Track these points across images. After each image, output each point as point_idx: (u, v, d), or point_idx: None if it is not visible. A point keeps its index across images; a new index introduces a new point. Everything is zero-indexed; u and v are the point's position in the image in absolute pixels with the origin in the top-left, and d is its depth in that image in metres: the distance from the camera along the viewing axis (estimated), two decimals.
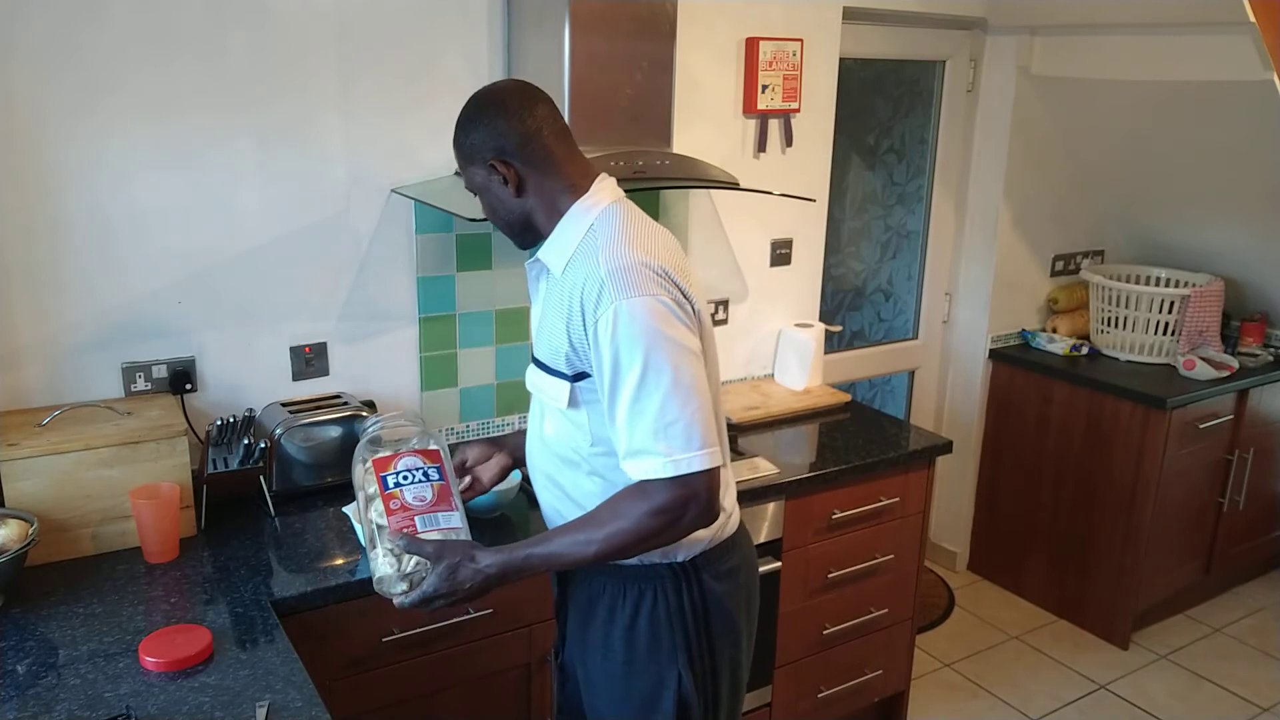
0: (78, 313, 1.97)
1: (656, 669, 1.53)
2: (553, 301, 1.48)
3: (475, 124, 1.47)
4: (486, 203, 1.54)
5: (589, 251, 1.43)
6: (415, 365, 2.36)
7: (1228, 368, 3.18)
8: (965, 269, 3.49)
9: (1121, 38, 2.95)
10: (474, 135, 1.47)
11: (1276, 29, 2.51)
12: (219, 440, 1.97)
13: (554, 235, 1.49)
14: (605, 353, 1.37)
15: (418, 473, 1.55)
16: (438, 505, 1.53)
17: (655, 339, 1.36)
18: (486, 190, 1.51)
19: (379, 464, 1.55)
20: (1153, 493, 3.08)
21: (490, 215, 1.55)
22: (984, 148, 3.35)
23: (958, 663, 3.13)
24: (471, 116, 1.48)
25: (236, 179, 2.06)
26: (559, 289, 1.47)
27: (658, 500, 1.39)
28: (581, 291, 1.40)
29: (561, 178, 1.49)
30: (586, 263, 1.42)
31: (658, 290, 1.38)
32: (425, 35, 2.18)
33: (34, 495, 1.76)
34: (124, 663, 1.50)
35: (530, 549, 1.46)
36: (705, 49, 2.55)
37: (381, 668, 1.85)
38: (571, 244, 1.46)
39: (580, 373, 1.45)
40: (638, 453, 1.38)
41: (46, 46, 1.83)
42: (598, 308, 1.38)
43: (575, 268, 1.44)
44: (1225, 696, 3.00)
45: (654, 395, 1.36)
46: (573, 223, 1.48)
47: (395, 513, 1.50)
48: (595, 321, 1.38)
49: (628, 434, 1.39)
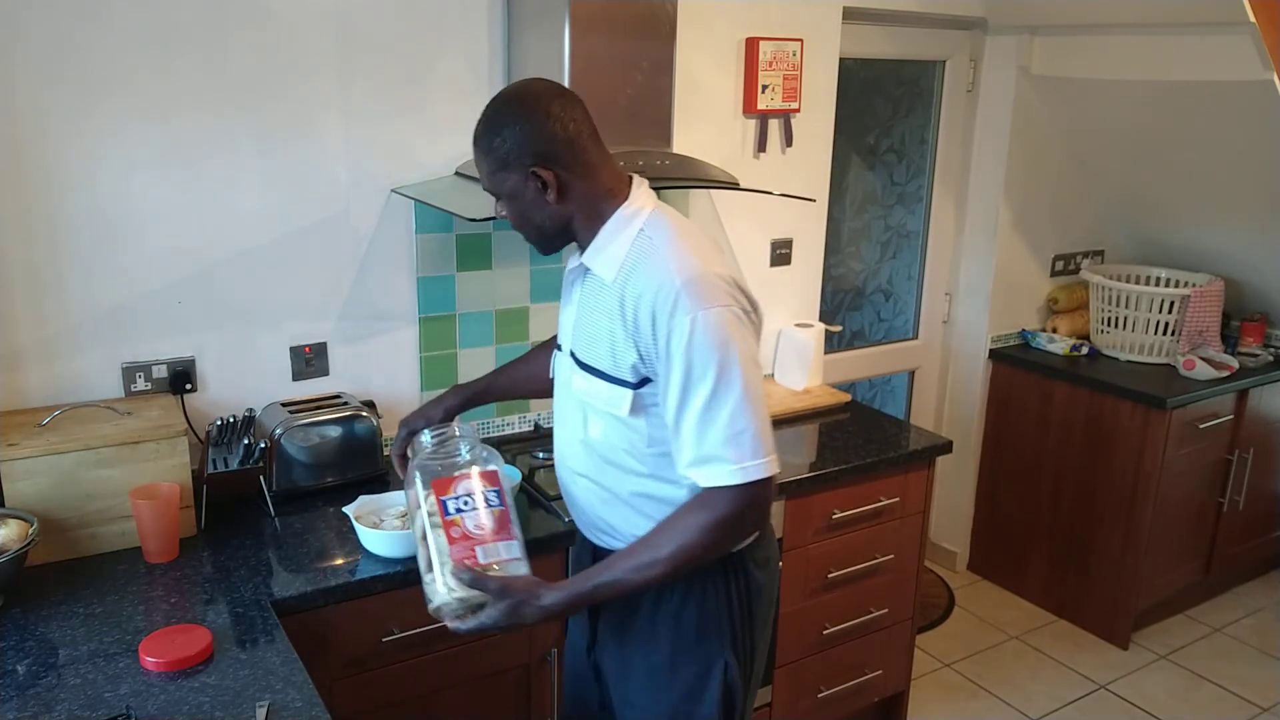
0: (78, 313, 1.97)
1: (703, 659, 1.54)
2: (603, 308, 1.46)
3: (510, 126, 1.41)
4: (517, 209, 1.47)
5: (649, 259, 1.41)
6: (415, 365, 2.36)
7: (1228, 368, 3.19)
8: (965, 269, 3.49)
9: (1121, 38, 2.95)
10: (510, 139, 1.41)
11: (1276, 29, 2.51)
12: (219, 440, 1.97)
13: (599, 242, 1.46)
14: (678, 362, 1.37)
15: (478, 498, 1.49)
16: (499, 534, 1.48)
17: (729, 349, 1.37)
18: (519, 197, 1.45)
19: (439, 486, 1.48)
20: (1153, 493, 3.08)
21: (519, 221, 1.49)
22: (984, 148, 3.35)
23: (958, 663, 3.13)
24: (505, 118, 1.42)
25: (236, 179, 2.06)
26: (610, 296, 1.44)
27: (722, 510, 1.40)
28: (653, 300, 1.38)
29: (600, 182, 1.46)
30: (651, 271, 1.40)
31: (729, 300, 1.39)
32: (425, 35, 2.18)
33: (34, 495, 1.76)
34: (124, 663, 1.50)
35: (597, 579, 1.43)
36: (705, 49, 2.55)
37: (381, 668, 1.85)
38: (621, 250, 1.44)
39: (644, 379, 1.44)
40: (707, 460, 1.39)
41: (47, 47, 1.83)
42: (673, 317, 1.36)
43: (635, 275, 1.41)
44: (1225, 696, 3.00)
45: (726, 404, 1.37)
46: (618, 229, 1.45)
47: (457, 542, 1.44)
48: (669, 331, 1.37)
49: (696, 442, 1.39)
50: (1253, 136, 2.95)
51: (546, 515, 2.06)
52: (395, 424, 2.32)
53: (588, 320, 1.50)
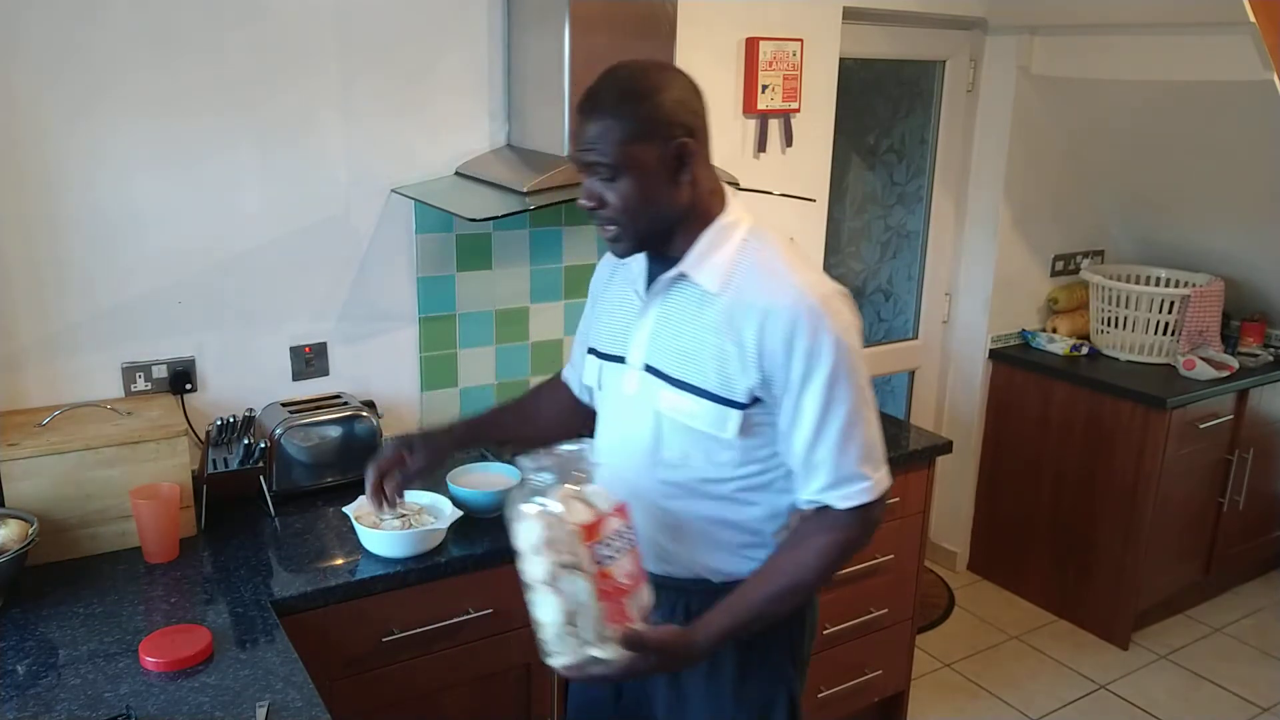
0: (78, 313, 1.97)
1: (770, 680, 1.50)
2: (706, 322, 1.36)
3: (666, 91, 1.29)
4: (640, 189, 1.30)
5: (764, 274, 1.34)
6: (415, 365, 2.36)
7: (1228, 368, 3.19)
8: (965, 269, 3.49)
9: (1121, 38, 2.95)
10: (664, 104, 1.28)
11: (1276, 29, 2.51)
12: (219, 440, 1.97)
13: (700, 249, 1.36)
14: (818, 385, 1.32)
15: (620, 540, 1.29)
16: (639, 578, 1.32)
17: (861, 367, 1.35)
18: (648, 174, 1.29)
19: (588, 531, 1.25)
20: (1153, 493, 3.08)
21: (637, 203, 1.31)
22: (984, 148, 3.35)
23: (958, 663, 3.13)
24: (658, 82, 1.30)
25: (237, 179, 2.06)
26: (715, 310, 1.35)
27: (854, 531, 1.38)
28: (788, 321, 1.30)
29: (711, 180, 1.38)
30: (773, 287, 1.33)
31: (854, 320, 1.37)
32: (425, 35, 2.18)
33: (34, 495, 1.76)
34: (124, 663, 1.50)
35: (739, 616, 1.35)
36: (705, 49, 2.55)
37: (381, 668, 1.85)
38: (726, 261, 1.35)
39: (755, 399, 1.35)
40: (845, 480, 1.36)
41: (48, 48, 1.83)
42: (814, 339, 1.30)
43: (749, 290, 1.34)
44: (1225, 696, 3.00)
45: (861, 423, 1.35)
46: (720, 237, 1.37)
47: (610, 597, 1.25)
48: (810, 353, 1.31)
49: (835, 464, 1.35)
50: (1253, 136, 2.95)
51: None
52: (395, 424, 2.34)
53: (681, 334, 1.38)
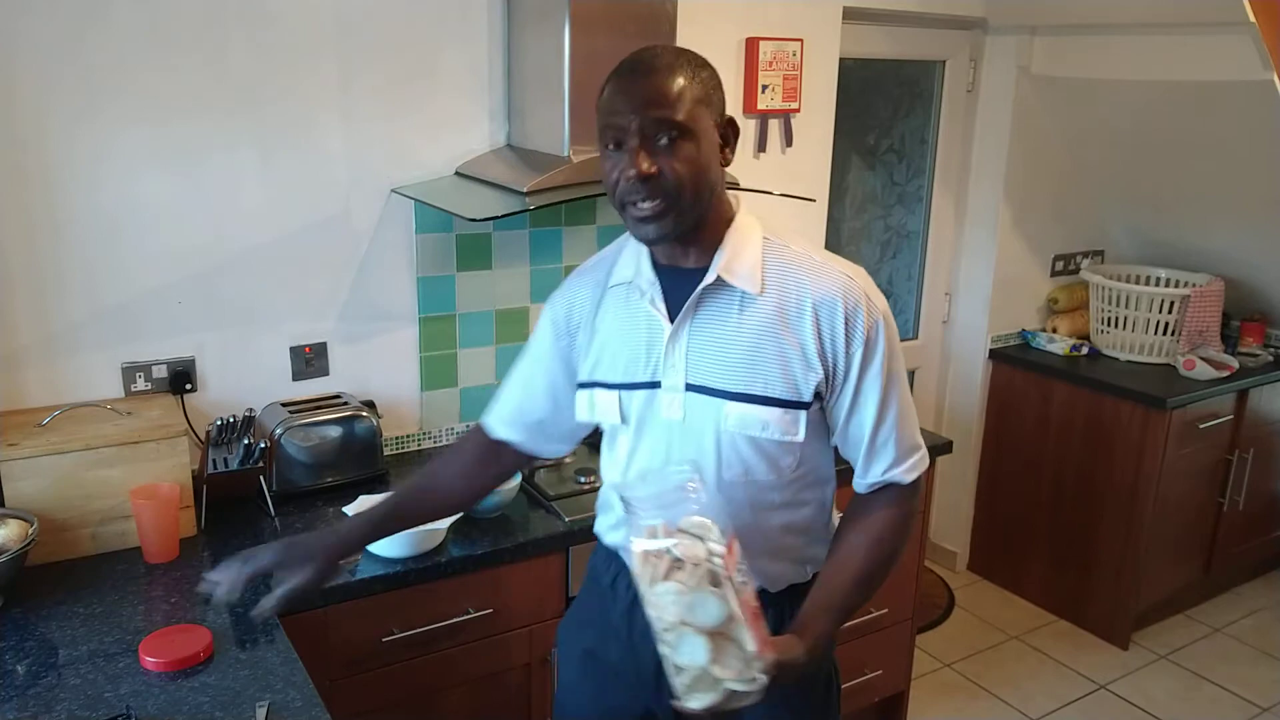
0: (78, 313, 1.97)
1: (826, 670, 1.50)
2: (756, 326, 1.30)
3: (709, 69, 1.29)
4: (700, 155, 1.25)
5: (802, 267, 1.32)
6: (415, 365, 2.36)
7: (1228, 368, 3.19)
8: (965, 269, 3.49)
9: (1121, 38, 2.95)
10: (712, 78, 1.28)
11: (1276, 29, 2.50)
12: (219, 440, 1.97)
13: (731, 249, 1.31)
14: (878, 365, 1.32)
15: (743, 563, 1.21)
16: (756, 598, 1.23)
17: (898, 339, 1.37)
18: (710, 142, 1.26)
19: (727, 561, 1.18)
20: (1153, 493, 3.08)
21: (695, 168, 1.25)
22: (984, 148, 3.35)
23: (958, 663, 3.13)
24: (701, 60, 1.29)
25: (237, 179, 2.06)
26: (762, 312, 1.30)
27: (914, 502, 1.40)
28: (845, 307, 1.29)
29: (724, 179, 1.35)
30: (819, 277, 1.31)
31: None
32: (425, 35, 2.18)
33: (34, 495, 1.76)
34: (124, 663, 1.50)
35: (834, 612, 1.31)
36: (705, 49, 2.51)
37: (381, 668, 1.85)
38: (755, 260, 1.32)
39: (817, 394, 1.33)
40: (908, 454, 1.38)
41: (49, 48, 1.83)
42: (870, 319, 1.31)
43: (794, 284, 1.31)
44: (1225, 696, 2.99)
45: (908, 396, 1.38)
46: (745, 237, 1.33)
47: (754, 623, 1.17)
48: (869, 335, 1.31)
49: (899, 441, 1.36)
50: (1253, 136, 2.95)
51: (546, 515, 2.06)
52: (395, 424, 2.34)
53: (728, 344, 1.31)
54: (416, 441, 2.39)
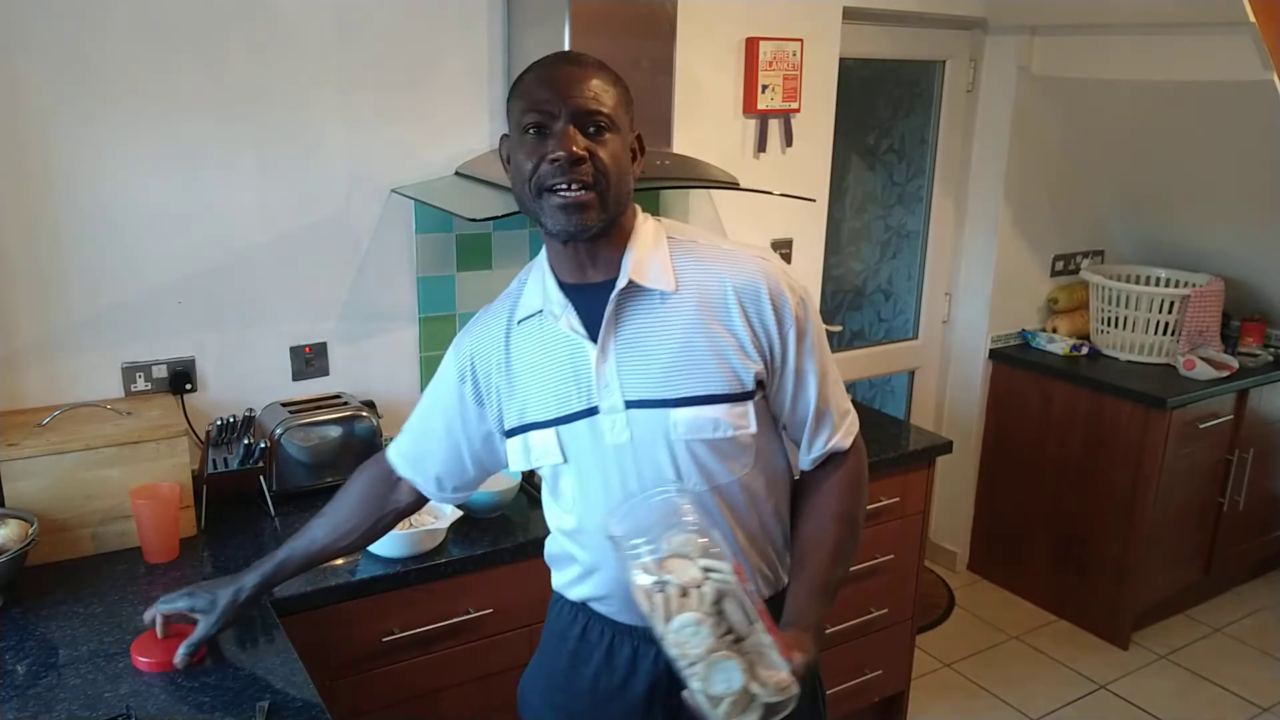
0: (78, 313, 1.97)
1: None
2: (683, 324, 1.26)
3: (624, 84, 1.28)
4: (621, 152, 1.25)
5: (712, 257, 1.29)
6: (415, 365, 2.36)
7: (1228, 368, 3.19)
8: (965, 269, 3.49)
9: (1121, 38, 2.95)
10: (627, 93, 1.28)
11: (1276, 29, 2.50)
12: (219, 440, 1.97)
13: (638, 254, 1.28)
14: (810, 340, 1.32)
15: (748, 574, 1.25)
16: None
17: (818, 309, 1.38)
18: (625, 145, 1.26)
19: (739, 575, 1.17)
20: (1153, 493, 3.08)
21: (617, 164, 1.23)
22: (984, 148, 3.35)
23: (958, 663, 3.13)
24: (617, 74, 1.28)
25: (237, 179, 2.06)
26: (684, 309, 1.27)
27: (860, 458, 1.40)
28: (768, 290, 1.27)
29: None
30: (731, 265, 1.28)
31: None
32: (425, 35, 2.18)
33: (34, 495, 1.76)
34: (124, 663, 1.50)
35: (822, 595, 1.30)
36: (705, 49, 2.55)
37: (381, 668, 1.85)
38: (665, 259, 1.28)
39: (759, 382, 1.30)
40: (844, 416, 1.38)
41: (50, 49, 1.83)
42: (794, 300, 1.29)
43: (709, 277, 1.28)
44: (1225, 696, 3.00)
45: (833, 361, 1.38)
46: (648, 239, 1.30)
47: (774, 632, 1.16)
48: (794, 314, 1.29)
49: (837, 408, 1.37)
50: (1253, 136, 2.95)
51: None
52: (395, 424, 2.33)
53: (657, 350, 1.27)
54: None
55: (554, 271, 1.32)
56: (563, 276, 1.32)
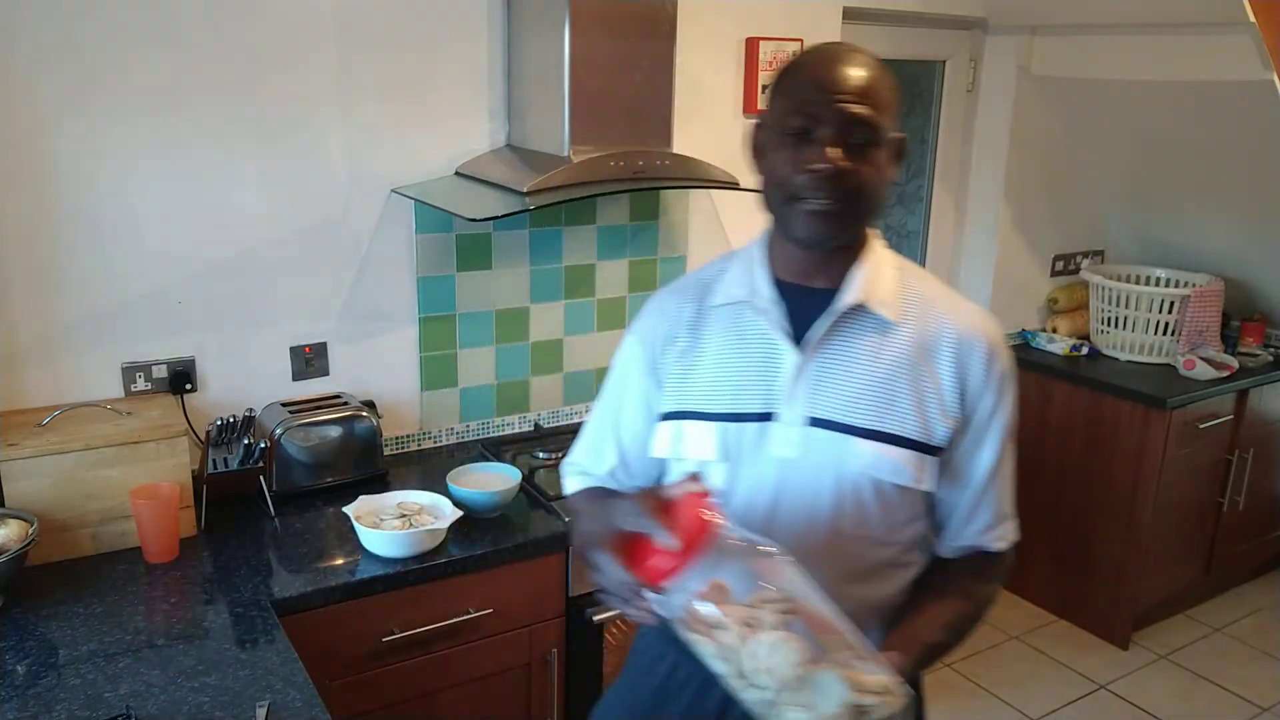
0: (78, 313, 1.97)
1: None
2: (893, 359, 1.18)
3: (893, 79, 1.17)
4: (884, 163, 1.16)
5: (939, 299, 1.23)
6: (415, 365, 2.36)
7: (1228, 368, 3.19)
8: (965, 269, 3.49)
9: (1121, 38, 2.95)
10: (895, 90, 1.17)
11: (1276, 29, 2.51)
12: (219, 440, 1.97)
13: (868, 273, 1.20)
14: (1004, 414, 1.22)
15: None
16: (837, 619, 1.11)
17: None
18: (889, 154, 1.17)
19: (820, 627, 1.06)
20: (1153, 493, 3.08)
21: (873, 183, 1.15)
22: (984, 147, 3.35)
23: (958, 663, 3.13)
24: (887, 69, 1.17)
25: (237, 179, 2.06)
26: (899, 344, 1.19)
27: (1002, 578, 1.30)
28: (982, 348, 1.20)
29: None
30: (955, 314, 1.21)
31: None
32: (425, 35, 2.18)
33: (34, 495, 1.76)
34: (124, 663, 1.50)
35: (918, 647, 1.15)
36: (705, 49, 2.55)
37: (381, 668, 1.85)
38: (892, 286, 1.21)
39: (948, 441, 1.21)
40: (1004, 518, 1.28)
41: (47, 49, 1.83)
42: (1006, 365, 1.22)
43: (933, 318, 1.21)
44: (1225, 696, 3.00)
45: (1013, 460, 1.28)
46: (881, 260, 1.23)
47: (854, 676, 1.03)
48: (1001, 382, 1.21)
49: (999, 500, 1.26)
50: (1253, 136, 2.95)
51: (546, 515, 2.06)
52: (395, 424, 2.34)
53: (864, 375, 1.18)
54: (416, 441, 2.39)
55: (771, 266, 1.24)
56: (781, 274, 1.24)
